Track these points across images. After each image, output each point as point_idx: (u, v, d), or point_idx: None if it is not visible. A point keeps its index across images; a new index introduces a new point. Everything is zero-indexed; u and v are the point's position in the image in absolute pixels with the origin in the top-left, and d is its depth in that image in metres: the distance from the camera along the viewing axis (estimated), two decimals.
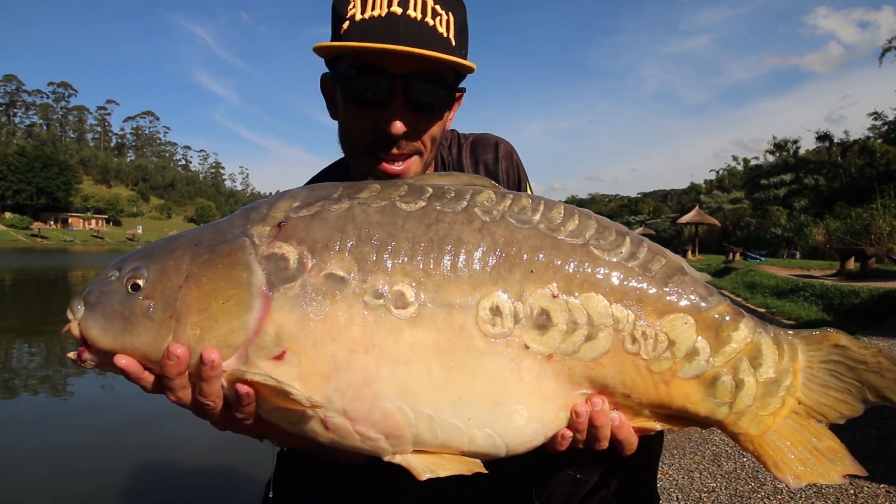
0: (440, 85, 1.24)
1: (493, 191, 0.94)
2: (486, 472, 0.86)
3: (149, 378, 0.87)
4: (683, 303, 0.90)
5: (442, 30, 1.20)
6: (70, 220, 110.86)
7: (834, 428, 0.97)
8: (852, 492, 2.69)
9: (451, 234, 0.86)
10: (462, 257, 0.85)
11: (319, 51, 1.22)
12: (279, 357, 0.82)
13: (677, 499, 2.72)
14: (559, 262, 0.87)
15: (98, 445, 4.20)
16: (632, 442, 0.95)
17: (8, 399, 5.46)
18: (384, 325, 0.82)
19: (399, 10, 1.17)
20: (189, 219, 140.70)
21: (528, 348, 0.85)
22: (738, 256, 23.66)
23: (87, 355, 0.87)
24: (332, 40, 1.24)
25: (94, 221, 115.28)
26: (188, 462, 3.84)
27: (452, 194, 0.92)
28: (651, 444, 1.04)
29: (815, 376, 0.94)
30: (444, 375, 0.83)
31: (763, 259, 22.65)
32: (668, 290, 0.90)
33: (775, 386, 0.93)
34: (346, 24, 1.19)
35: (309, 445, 0.93)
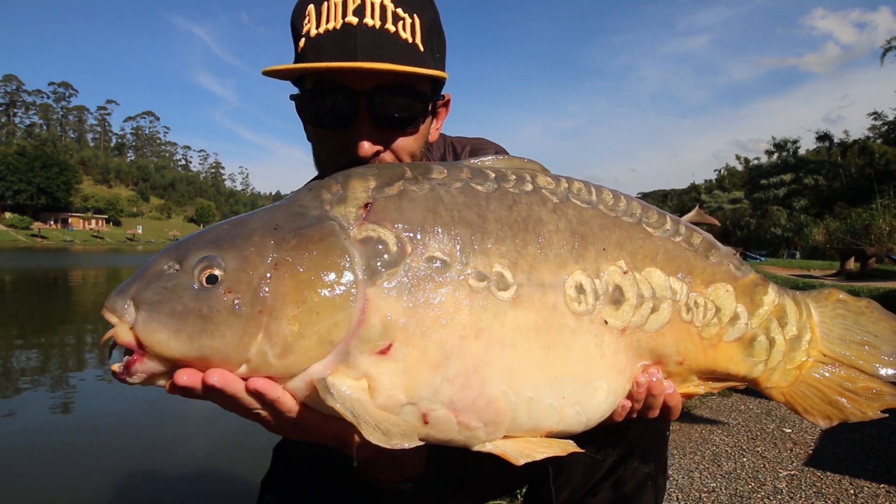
0: (411, 96, 1.15)
1: (546, 173, 0.94)
2: (582, 451, 0.87)
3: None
4: (723, 272, 0.98)
5: (406, 35, 1.11)
6: (70, 220, 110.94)
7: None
8: (852, 492, 2.69)
9: (531, 215, 0.86)
10: (546, 238, 0.85)
11: (271, 75, 1.13)
12: (384, 351, 0.75)
13: (677, 499, 2.72)
14: (624, 240, 0.91)
15: (95, 446, 4.20)
16: (679, 407, 0.99)
17: (7, 399, 5.46)
18: (490, 308, 0.79)
19: (355, 20, 1.08)
20: (189, 219, 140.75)
21: (606, 324, 0.87)
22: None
23: (141, 366, 0.73)
24: (294, 60, 1.16)
25: (94, 221, 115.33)
26: (185, 462, 3.84)
27: (514, 177, 0.91)
28: (664, 422, 1.07)
29: (830, 331, 1.04)
30: (543, 356, 0.82)
31: (763, 259, 22.68)
32: (710, 261, 0.98)
33: (798, 341, 1.02)
34: (302, 42, 1.13)
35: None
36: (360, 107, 1.12)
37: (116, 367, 0.74)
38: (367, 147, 1.13)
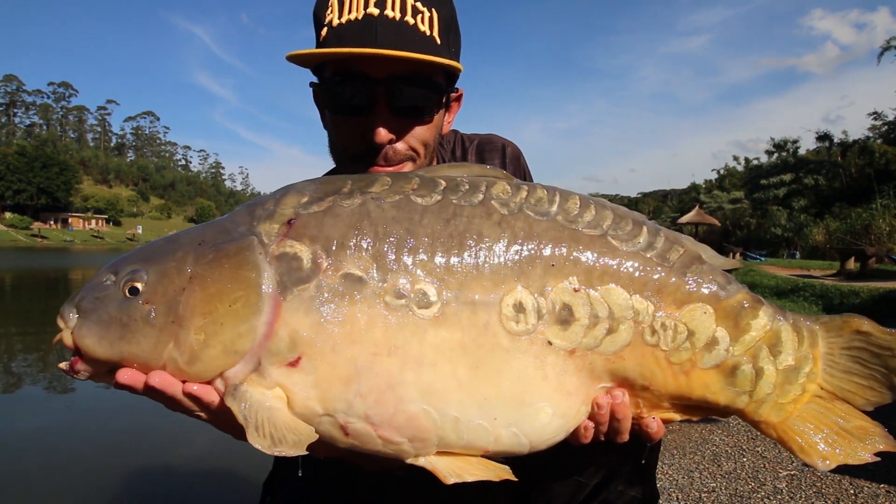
0: (427, 87, 1.19)
1: (507, 182, 0.91)
2: (516, 479, 0.83)
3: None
4: (702, 292, 0.88)
5: (424, 28, 1.16)
6: (70, 220, 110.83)
7: None
8: (852, 492, 2.69)
9: (470, 229, 0.83)
10: (483, 253, 0.82)
11: (294, 60, 1.18)
12: (293, 363, 0.78)
13: (677, 499, 2.72)
14: (579, 255, 0.85)
15: (96, 446, 4.20)
16: (659, 432, 0.93)
17: (7, 399, 5.46)
18: (407, 326, 0.79)
19: (376, 11, 1.13)
20: (189, 219, 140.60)
21: (551, 344, 0.83)
22: (738, 256, 23.66)
23: (80, 366, 0.83)
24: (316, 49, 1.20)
25: (94, 221, 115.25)
26: (187, 464, 3.84)
27: (467, 186, 0.88)
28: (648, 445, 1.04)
29: (836, 363, 0.92)
30: (469, 376, 0.80)
31: (763, 259, 22.65)
32: (686, 279, 0.88)
33: (795, 373, 0.91)
34: (324, 31, 1.17)
35: (328, 451, 0.90)
36: (378, 94, 1.16)
37: (63, 365, 0.84)
38: (383, 134, 1.17)
